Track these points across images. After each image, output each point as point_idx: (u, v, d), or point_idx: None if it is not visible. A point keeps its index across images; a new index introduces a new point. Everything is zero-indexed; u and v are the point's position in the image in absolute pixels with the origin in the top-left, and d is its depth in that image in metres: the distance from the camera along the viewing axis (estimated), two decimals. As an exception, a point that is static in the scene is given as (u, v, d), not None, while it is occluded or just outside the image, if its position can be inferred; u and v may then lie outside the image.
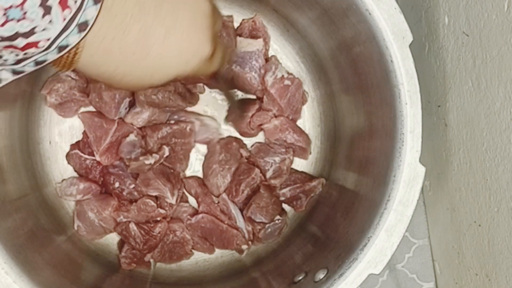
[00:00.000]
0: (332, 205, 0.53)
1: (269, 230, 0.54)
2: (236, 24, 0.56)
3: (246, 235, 0.54)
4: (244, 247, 0.54)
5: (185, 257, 0.55)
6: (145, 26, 0.29)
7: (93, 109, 0.54)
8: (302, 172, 0.57)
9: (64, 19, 0.26)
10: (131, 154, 0.52)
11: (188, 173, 0.57)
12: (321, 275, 0.43)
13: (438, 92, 0.50)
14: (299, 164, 0.57)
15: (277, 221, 0.54)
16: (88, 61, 0.30)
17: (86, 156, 0.54)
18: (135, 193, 0.54)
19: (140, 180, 0.53)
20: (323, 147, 0.57)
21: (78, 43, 0.28)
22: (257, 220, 0.54)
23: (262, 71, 0.54)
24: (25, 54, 0.27)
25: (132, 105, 0.54)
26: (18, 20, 0.25)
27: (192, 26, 0.32)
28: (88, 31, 0.27)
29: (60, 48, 0.27)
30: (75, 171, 0.55)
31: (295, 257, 0.51)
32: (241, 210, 0.55)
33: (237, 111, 0.55)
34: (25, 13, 0.25)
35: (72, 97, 0.53)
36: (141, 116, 0.53)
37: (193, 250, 0.56)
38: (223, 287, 0.53)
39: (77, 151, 0.54)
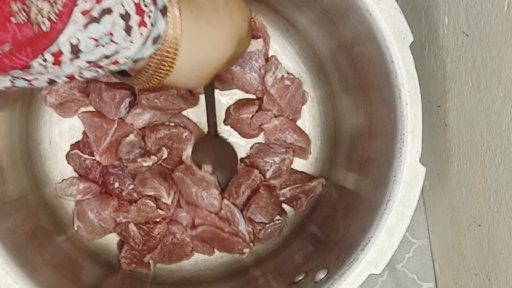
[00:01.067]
0: (332, 205, 0.53)
1: (269, 230, 0.54)
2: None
3: (247, 238, 0.54)
4: (246, 250, 0.54)
5: (185, 258, 0.55)
6: None
7: (93, 109, 0.54)
8: (302, 172, 0.57)
9: (142, 35, 0.28)
10: (130, 155, 0.52)
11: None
12: (321, 275, 0.43)
13: (438, 92, 0.50)
14: (299, 164, 0.57)
15: (277, 221, 0.54)
16: (188, 46, 0.33)
17: (86, 156, 0.54)
18: (134, 194, 0.54)
19: (138, 180, 0.53)
20: (323, 147, 0.57)
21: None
22: (257, 220, 0.54)
23: (262, 71, 0.54)
24: (103, 70, 0.29)
25: (132, 105, 0.53)
26: (105, 45, 0.27)
27: None
28: (160, 42, 0.30)
29: (135, 61, 0.30)
30: (75, 171, 0.55)
31: (295, 257, 0.51)
32: (241, 211, 0.54)
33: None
34: (112, 37, 0.27)
35: (72, 97, 0.53)
36: (142, 118, 0.53)
37: (193, 251, 0.56)
38: (223, 287, 0.53)
39: (77, 151, 0.54)
